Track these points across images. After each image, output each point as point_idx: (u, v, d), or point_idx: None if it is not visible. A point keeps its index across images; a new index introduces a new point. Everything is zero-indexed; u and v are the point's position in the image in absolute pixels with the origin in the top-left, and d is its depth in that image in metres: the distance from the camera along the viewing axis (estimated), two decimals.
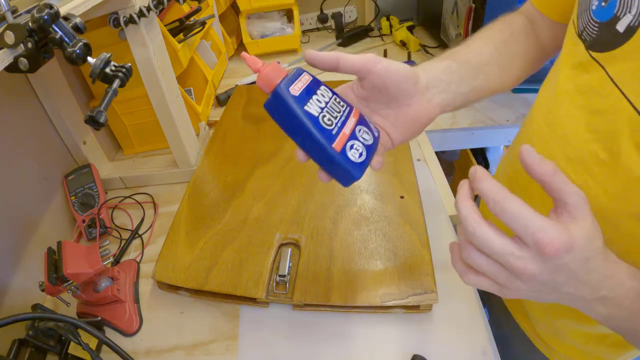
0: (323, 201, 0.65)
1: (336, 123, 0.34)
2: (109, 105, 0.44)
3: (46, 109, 0.69)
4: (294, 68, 0.36)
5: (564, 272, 0.29)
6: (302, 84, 0.34)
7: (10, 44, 0.36)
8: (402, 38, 1.24)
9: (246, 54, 0.35)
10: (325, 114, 0.34)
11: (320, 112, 0.34)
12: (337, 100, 0.36)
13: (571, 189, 0.29)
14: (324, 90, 0.36)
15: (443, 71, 0.42)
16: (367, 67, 0.36)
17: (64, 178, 0.73)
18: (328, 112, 0.34)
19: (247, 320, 0.55)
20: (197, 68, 0.99)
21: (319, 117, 0.33)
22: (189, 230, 0.62)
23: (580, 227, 0.29)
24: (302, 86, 0.34)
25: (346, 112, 0.36)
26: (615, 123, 0.35)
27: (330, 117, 0.34)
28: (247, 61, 0.35)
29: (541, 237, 0.27)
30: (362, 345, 0.51)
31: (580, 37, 0.39)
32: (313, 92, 0.35)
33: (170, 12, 0.90)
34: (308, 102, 0.34)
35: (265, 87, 0.34)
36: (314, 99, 0.34)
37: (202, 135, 0.85)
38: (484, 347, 0.49)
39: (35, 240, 0.63)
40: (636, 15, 0.32)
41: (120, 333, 0.55)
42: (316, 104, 0.34)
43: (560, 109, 0.42)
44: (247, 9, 1.20)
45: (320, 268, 0.55)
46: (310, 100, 0.34)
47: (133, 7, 0.56)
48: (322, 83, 0.37)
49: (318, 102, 0.34)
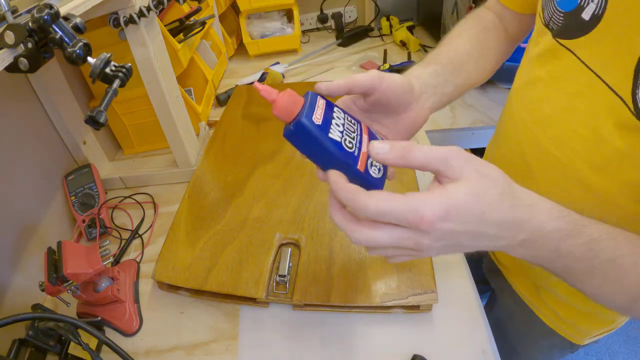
0: (323, 201, 0.65)
1: (355, 144, 0.35)
2: (109, 105, 0.44)
3: (46, 109, 0.69)
4: (306, 94, 0.35)
5: (459, 234, 0.28)
6: (320, 110, 0.34)
7: (11, 44, 0.36)
8: (402, 38, 1.24)
9: (259, 84, 0.34)
10: (345, 137, 0.34)
11: (341, 136, 0.34)
12: (349, 119, 0.37)
13: (436, 155, 0.29)
14: (337, 111, 0.36)
15: (430, 75, 0.45)
16: (374, 86, 0.37)
17: (64, 178, 0.73)
18: (347, 135, 0.35)
19: (247, 320, 0.55)
20: (197, 68, 0.99)
21: (341, 142, 0.33)
22: (189, 230, 0.62)
23: (459, 186, 0.28)
24: (321, 113, 0.34)
25: (359, 130, 0.36)
26: (593, 103, 0.38)
27: (350, 139, 0.34)
28: (261, 92, 0.34)
29: (412, 218, 0.27)
30: (362, 345, 0.51)
31: (547, 26, 0.42)
32: (330, 116, 0.35)
33: (170, 12, 0.90)
34: (330, 129, 0.33)
35: (284, 117, 0.33)
36: (334, 123, 0.34)
37: (202, 135, 0.85)
38: (483, 347, 0.49)
39: (35, 240, 0.63)
40: (599, 3, 0.35)
41: (120, 333, 0.55)
42: (336, 128, 0.34)
43: (538, 94, 0.45)
44: (247, 9, 1.20)
45: (320, 268, 0.55)
46: (331, 126, 0.34)
47: (133, 7, 0.56)
48: (333, 104, 0.37)
49: (337, 127, 0.34)
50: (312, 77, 1.12)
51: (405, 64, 1.05)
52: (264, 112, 0.87)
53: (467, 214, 0.28)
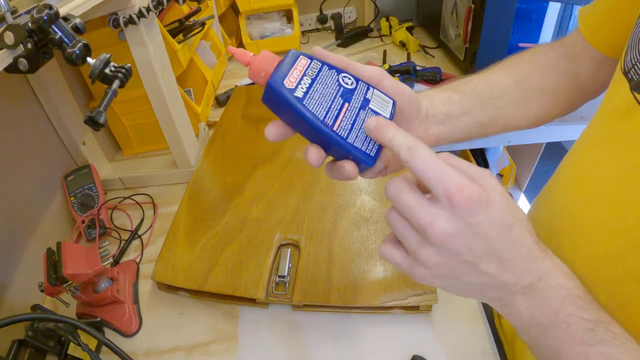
0: (322, 202, 0.65)
1: (337, 105, 0.31)
2: (109, 105, 0.44)
3: (46, 109, 0.69)
4: (287, 53, 0.32)
5: (481, 237, 0.25)
6: (298, 71, 0.30)
7: (10, 45, 0.36)
8: (402, 39, 1.24)
9: (233, 48, 0.32)
10: (327, 99, 0.30)
11: (321, 100, 0.30)
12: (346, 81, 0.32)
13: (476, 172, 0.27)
14: (328, 74, 0.32)
15: (443, 102, 0.39)
16: (375, 78, 0.34)
17: (64, 179, 0.73)
18: (329, 97, 0.31)
19: (246, 321, 0.55)
20: (196, 69, 0.99)
21: (316, 107, 0.30)
22: (188, 231, 0.62)
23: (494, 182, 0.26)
24: (298, 74, 0.30)
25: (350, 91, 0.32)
26: None
27: (330, 102, 0.30)
28: (235, 55, 0.32)
29: (449, 185, 0.24)
30: (362, 346, 0.51)
31: (626, 75, 0.32)
32: (313, 80, 0.31)
33: (169, 13, 0.90)
34: (308, 96, 0.30)
35: (259, 80, 0.31)
36: (315, 86, 0.30)
37: (201, 136, 0.85)
38: (483, 347, 0.49)
39: (35, 240, 0.63)
40: None
41: (120, 334, 0.55)
42: (318, 94, 0.30)
43: (592, 159, 0.36)
44: (247, 9, 1.20)
45: (320, 269, 0.55)
46: (310, 91, 0.30)
47: (132, 8, 0.56)
48: (324, 64, 0.32)
49: (320, 93, 0.30)
50: None
51: (404, 65, 1.05)
52: (264, 113, 0.87)
53: (501, 217, 0.25)
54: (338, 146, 0.30)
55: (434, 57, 1.18)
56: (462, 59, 1.03)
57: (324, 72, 0.32)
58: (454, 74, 1.07)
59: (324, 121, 0.30)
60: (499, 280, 0.27)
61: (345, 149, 0.30)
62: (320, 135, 0.30)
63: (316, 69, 0.31)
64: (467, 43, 0.98)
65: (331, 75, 0.32)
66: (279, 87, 0.29)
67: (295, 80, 0.30)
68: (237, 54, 0.32)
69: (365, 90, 0.32)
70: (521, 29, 0.94)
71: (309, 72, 0.31)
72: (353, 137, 0.30)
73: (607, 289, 0.31)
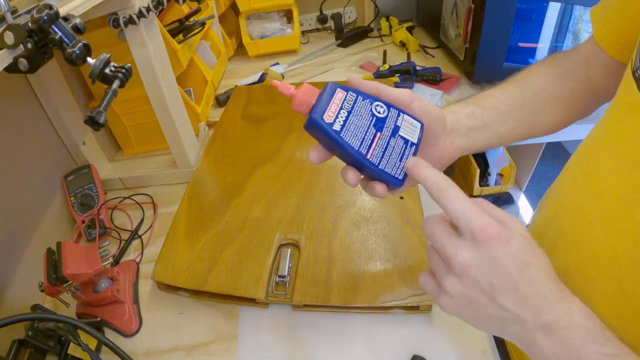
0: (323, 202, 0.65)
1: (369, 135, 0.35)
2: (109, 105, 0.44)
3: (46, 109, 0.69)
4: (325, 86, 0.35)
5: (499, 271, 0.27)
6: (335, 105, 0.34)
7: (10, 45, 0.36)
8: (402, 39, 1.24)
9: (277, 82, 0.36)
10: (360, 131, 0.34)
11: (356, 132, 0.34)
12: (379, 109, 0.36)
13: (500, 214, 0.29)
14: (363, 104, 0.35)
15: (467, 116, 0.42)
16: (405, 101, 0.37)
17: (64, 179, 0.73)
18: (363, 128, 0.34)
19: (246, 321, 0.55)
20: (196, 69, 0.99)
21: (352, 139, 0.34)
22: (188, 231, 0.62)
23: (518, 226, 0.28)
24: (336, 108, 0.34)
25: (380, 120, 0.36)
26: None
27: (363, 133, 0.34)
28: (278, 88, 0.35)
29: (474, 222, 0.27)
30: (362, 346, 0.51)
31: (634, 74, 0.33)
32: (349, 110, 0.34)
33: (169, 13, 0.90)
34: (344, 125, 0.34)
35: (302, 111, 0.35)
36: (350, 118, 0.34)
37: (201, 136, 0.85)
38: (483, 347, 0.49)
39: (35, 240, 0.63)
40: None
41: (120, 334, 0.55)
42: (353, 126, 0.34)
43: (599, 156, 0.37)
44: (247, 9, 1.20)
45: (320, 269, 0.55)
46: (346, 122, 0.34)
47: (132, 8, 0.56)
48: (359, 95, 0.36)
49: (353, 122, 0.34)
50: (311, 78, 1.12)
51: (404, 65, 1.05)
52: (264, 113, 0.87)
53: (519, 254, 0.27)
54: (371, 171, 0.35)
55: (434, 57, 1.18)
56: (462, 59, 1.03)
57: (358, 104, 0.35)
58: (454, 74, 1.07)
59: (358, 151, 0.34)
60: (515, 315, 0.28)
61: (377, 173, 0.35)
62: (356, 162, 0.35)
63: (352, 101, 0.35)
64: (467, 43, 0.98)
65: (365, 105, 0.35)
66: (319, 121, 0.33)
67: (334, 114, 0.34)
68: (280, 87, 0.35)
69: (396, 117, 0.36)
70: (521, 29, 0.94)
71: (345, 105, 0.35)
72: (384, 164, 0.35)
73: (615, 285, 0.32)
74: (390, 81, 0.98)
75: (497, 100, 0.45)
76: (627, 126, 0.33)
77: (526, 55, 0.98)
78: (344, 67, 1.17)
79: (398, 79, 1.01)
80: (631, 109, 0.33)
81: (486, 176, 1.37)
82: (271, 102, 0.91)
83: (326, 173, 0.70)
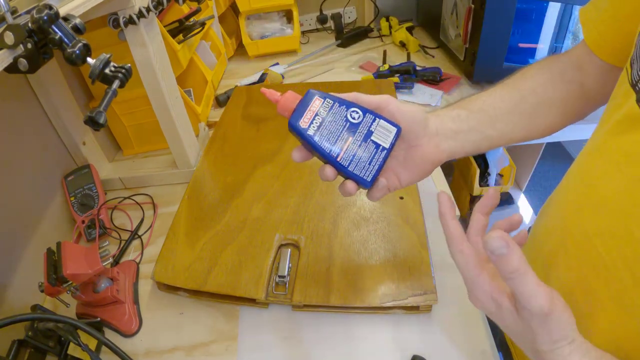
0: (323, 202, 0.65)
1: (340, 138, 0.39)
2: (109, 105, 0.44)
3: (45, 109, 0.69)
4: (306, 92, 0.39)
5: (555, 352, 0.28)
6: (311, 113, 0.38)
7: (10, 45, 0.36)
8: (402, 39, 1.24)
9: (264, 89, 0.40)
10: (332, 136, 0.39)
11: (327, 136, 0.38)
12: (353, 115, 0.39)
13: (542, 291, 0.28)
14: (337, 110, 0.39)
15: (452, 119, 0.43)
16: (381, 105, 0.39)
17: (64, 179, 0.73)
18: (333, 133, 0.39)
19: (246, 321, 0.55)
20: (196, 69, 0.99)
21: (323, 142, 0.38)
22: (188, 231, 0.62)
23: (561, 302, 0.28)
24: (311, 115, 0.38)
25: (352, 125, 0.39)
26: None
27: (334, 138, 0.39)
28: (265, 95, 0.40)
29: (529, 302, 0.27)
30: (362, 346, 0.51)
31: (634, 87, 0.33)
32: (324, 118, 0.39)
33: (169, 13, 0.90)
34: (318, 132, 0.38)
35: (285, 115, 0.40)
36: (324, 126, 0.39)
37: (201, 136, 0.85)
38: (483, 347, 0.49)
39: (35, 240, 0.63)
40: None
41: (120, 334, 0.55)
42: (327, 130, 0.39)
43: (597, 169, 0.37)
44: (247, 9, 1.20)
45: (320, 269, 0.55)
46: (320, 128, 0.38)
47: (132, 8, 0.56)
48: (336, 101, 0.39)
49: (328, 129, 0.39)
50: (311, 78, 1.12)
51: (404, 65, 1.05)
52: (264, 113, 0.87)
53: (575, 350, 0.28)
54: (341, 171, 0.39)
55: (434, 57, 1.18)
56: (462, 59, 1.03)
57: (334, 110, 0.39)
58: (454, 74, 1.07)
59: (330, 153, 0.38)
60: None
61: (346, 174, 0.39)
62: (329, 162, 0.39)
63: (328, 107, 0.39)
64: (467, 43, 0.98)
65: (340, 111, 0.39)
66: (297, 126, 0.38)
67: (309, 120, 0.38)
68: (267, 94, 0.40)
69: (371, 122, 0.39)
70: (521, 29, 0.94)
71: (321, 111, 0.39)
72: (353, 166, 0.38)
73: (616, 299, 0.32)
74: (390, 81, 0.98)
75: (484, 104, 0.44)
76: (627, 140, 0.33)
77: (526, 56, 0.98)
78: (343, 67, 1.17)
79: (398, 79, 1.01)
80: (631, 123, 0.32)
81: (486, 176, 1.38)
82: (271, 102, 0.91)
83: None
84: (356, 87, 0.95)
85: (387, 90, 0.93)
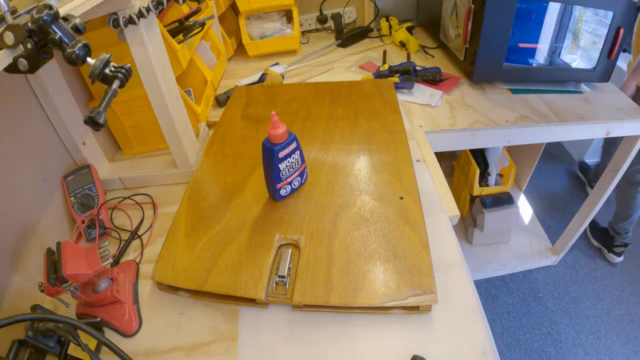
0: (322, 202, 0.65)
1: (289, 174, 0.63)
2: (109, 106, 0.44)
3: (45, 109, 0.69)
4: (290, 135, 0.60)
5: None
6: (287, 150, 0.60)
7: (10, 45, 0.36)
8: (402, 39, 1.24)
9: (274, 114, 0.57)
10: (287, 169, 0.62)
11: (286, 168, 0.62)
12: (299, 160, 0.63)
13: None
14: (296, 155, 0.62)
15: None
16: None
17: (63, 179, 0.73)
18: (289, 169, 0.62)
19: (246, 321, 0.55)
20: (196, 69, 0.99)
21: (283, 172, 0.62)
22: (188, 231, 0.62)
23: None
24: (286, 152, 0.60)
25: (298, 168, 0.64)
26: None
27: (288, 172, 0.63)
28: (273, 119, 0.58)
29: None
30: (362, 346, 0.51)
31: None
32: (289, 156, 0.61)
33: (169, 13, 0.90)
34: (283, 162, 0.61)
35: (274, 140, 0.58)
36: (287, 161, 0.61)
37: (201, 136, 0.85)
38: (483, 347, 0.49)
39: (35, 241, 0.63)
40: None
41: (120, 334, 0.55)
42: (286, 163, 0.61)
43: None
44: (247, 9, 1.20)
45: (320, 269, 0.55)
46: (285, 160, 0.61)
47: (132, 8, 0.56)
48: (297, 149, 0.62)
49: (288, 163, 0.61)
50: (311, 78, 1.12)
51: (404, 65, 1.05)
52: (263, 113, 0.87)
53: None
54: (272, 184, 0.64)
55: (434, 57, 1.18)
56: (462, 59, 1.03)
57: (295, 155, 0.62)
58: (454, 74, 1.07)
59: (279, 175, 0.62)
60: None
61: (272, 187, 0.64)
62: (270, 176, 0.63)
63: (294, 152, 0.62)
64: (467, 43, 0.98)
65: (298, 157, 0.63)
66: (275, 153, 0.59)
67: (284, 153, 0.60)
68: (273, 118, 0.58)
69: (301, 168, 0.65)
70: (521, 29, 0.94)
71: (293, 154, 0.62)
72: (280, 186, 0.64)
73: None
74: (390, 81, 0.98)
75: None
76: None
77: (526, 56, 0.98)
78: (343, 68, 1.17)
79: (398, 79, 1.01)
80: None
81: (486, 176, 1.38)
82: (271, 102, 0.91)
83: (326, 173, 0.70)
84: (356, 87, 0.95)
85: (387, 90, 0.93)
